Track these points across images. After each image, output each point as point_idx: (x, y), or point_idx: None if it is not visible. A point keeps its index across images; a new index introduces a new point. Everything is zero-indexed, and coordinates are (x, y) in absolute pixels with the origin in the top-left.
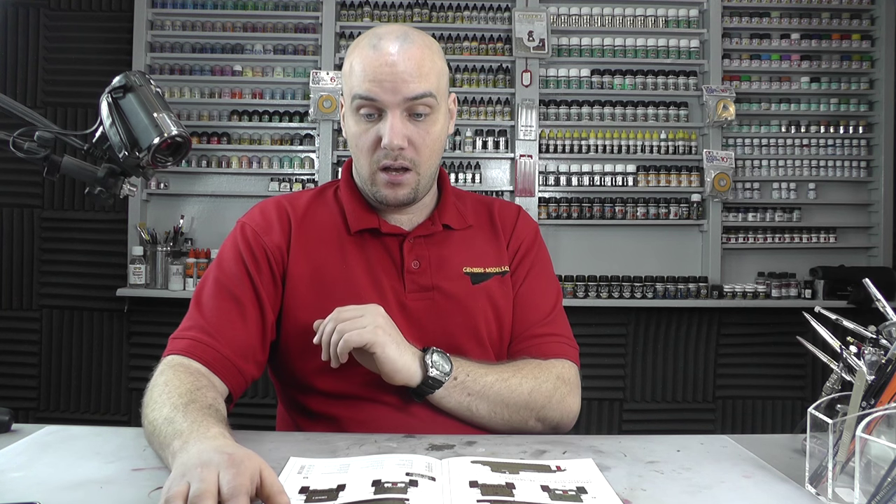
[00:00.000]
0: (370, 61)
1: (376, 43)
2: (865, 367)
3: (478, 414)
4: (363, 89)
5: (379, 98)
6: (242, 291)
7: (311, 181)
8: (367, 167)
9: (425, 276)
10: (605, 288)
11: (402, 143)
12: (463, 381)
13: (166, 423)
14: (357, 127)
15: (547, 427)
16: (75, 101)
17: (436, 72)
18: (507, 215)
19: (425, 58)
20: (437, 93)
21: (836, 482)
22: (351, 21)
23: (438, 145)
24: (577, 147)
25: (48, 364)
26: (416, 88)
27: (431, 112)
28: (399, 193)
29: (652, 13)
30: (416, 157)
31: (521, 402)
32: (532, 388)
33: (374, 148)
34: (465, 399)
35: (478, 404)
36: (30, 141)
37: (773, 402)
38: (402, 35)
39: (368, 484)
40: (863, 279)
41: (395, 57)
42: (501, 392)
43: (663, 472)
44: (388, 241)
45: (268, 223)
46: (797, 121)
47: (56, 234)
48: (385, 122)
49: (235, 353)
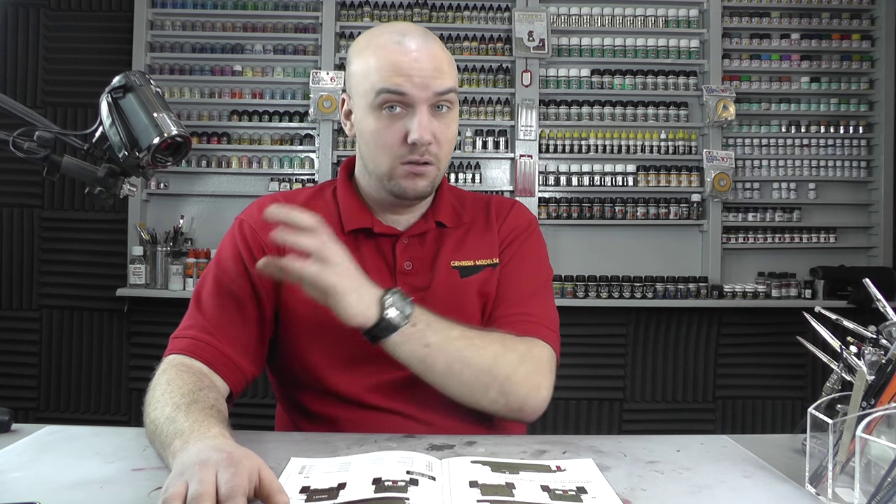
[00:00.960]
0: (397, 56)
1: (400, 39)
2: (865, 367)
3: (433, 369)
4: (392, 83)
5: (409, 92)
6: (241, 289)
7: (311, 181)
8: (387, 163)
9: (418, 277)
10: (605, 288)
11: (431, 138)
12: (423, 329)
13: (168, 422)
14: (379, 123)
15: (511, 405)
16: (75, 101)
17: (453, 71)
18: (502, 208)
19: (445, 55)
20: (456, 89)
21: (836, 482)
22: (351, 21)
23: (454, 141)
24: (577, 147)
25: (48, 364)
26: (442, 84)
27: (451, 108)
28: (419, 185)
29: (652, 13)
30: (438, 151)
31: (483, 365)
32: (497, 353)
33: (400, 143)
34: (420, 350)
35: (435, 358)
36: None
37: (773, 402)
38: (423, 33)
39: (369, 482)
40: (863, 279)
41: (420, 53)
42: (463, 350)
43: (663, 472)
44: (382, 241)
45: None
46: (797, 121)
47: (56, 234)
48: (413, 118)
49: (236, 351)
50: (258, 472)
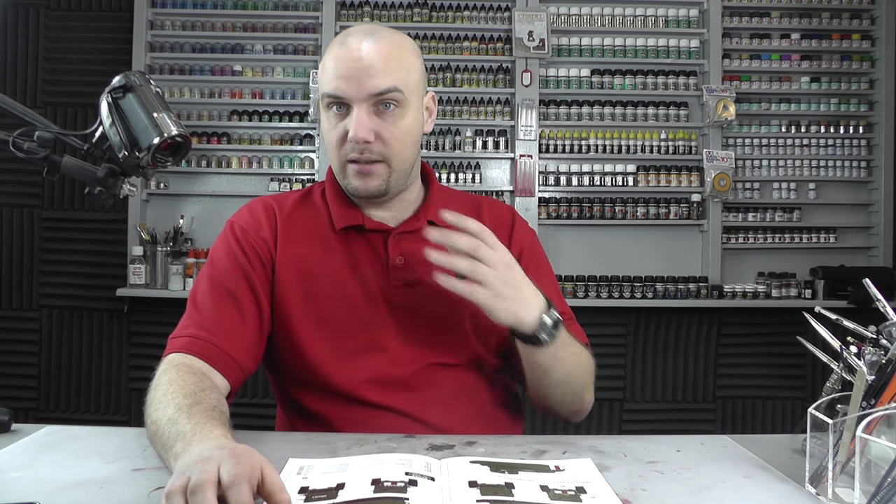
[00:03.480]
0: (338, 58)
1: (344, 40)
2: (865, 367)
3: (550, 376)
4: (331, 87)
5: (344, 94)
6: (237, 286)
7: (311, 181)
8: (337, 161)
9: (410, 272)
10: (605, 288)
11: (367, 136)
12: (559, 345)
13: (170, 423)
14: (328, 123)
15: (580, 410)
16: (75, 101)
17: (405, 67)
18: (500, 216)
19: (392, 53)
20: (406, 88)
21: (836, 482)
22: (351, 21)
23: (410, 139)
24: (577, 147)
25: (48, 364)
26: (380, 84)
27: (399, 106)
28: (370, 184)
29: (652, 13)
30: (384, 150)
31: (583, 379)
32: (586, 368)
33: (342, 142)
34: (549, 361)
35: (556, 369)
36: (30, 141)
37: (773, 402)
38: (370, 32)
39: (368, 483)
40: (863, 279)
41: (360, 52)
42: (574, 365)
43: (663, 472)
44: (373, 237)
45: (256, 220)
46: (797, 121)
47: (56, 234)
48: (351, 117)
49: (235, 347)
50: (261, 469)
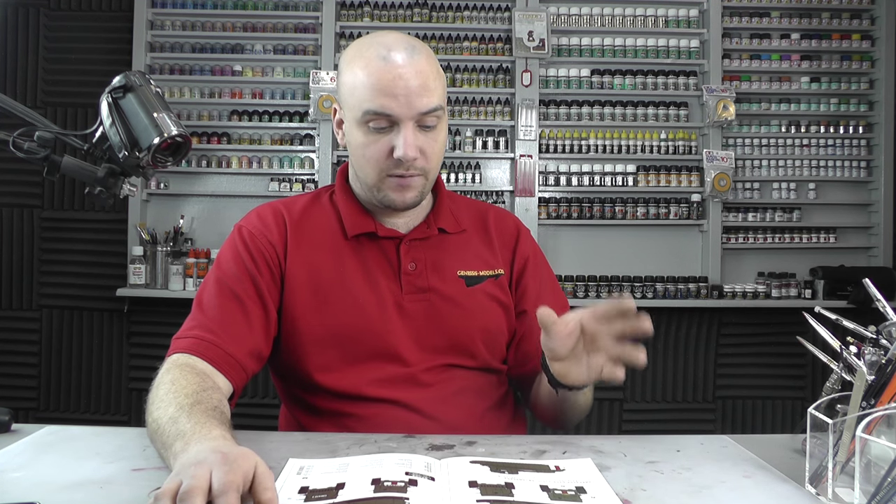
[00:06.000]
0: (381, 74)
1: (385, 55)
2: (865, 367)
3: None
4: (376, 105)
5: (393, 112)
6: (243, 289)
7: (311, 181)
8: (374, 175)
9: (422, 278)
10: (605, 288)
11: (416, 154)
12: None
13: (171, 422)
14: (365, 138)
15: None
16: (75, 101)
17: (441, 84)
18: (505, 227)
19: (432, 70)
20: (443, 104)
21: (836, 482)
22: (351, 21)
23: (443, 151)
24: (577, 147)
25: (48, 364)
26: (428, 103)
27: (438, 122)
28: (407, 196)
29: (652, 13)
30: (425, 164)
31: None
32: None
33: (385, 157)
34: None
35: (581, 402)
36: (30, 141)
37: (773, 402)
38: (409, 47)
39: (368, 482)
40: (863, 279)
41: (405, 70)
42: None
43: (663, 472)
44: (385, 244)
45: (265, 226)
46: (797, 121)
47: (56, 234)
48: (398, 135)
49: (239, 349)
50: (254, 470)
